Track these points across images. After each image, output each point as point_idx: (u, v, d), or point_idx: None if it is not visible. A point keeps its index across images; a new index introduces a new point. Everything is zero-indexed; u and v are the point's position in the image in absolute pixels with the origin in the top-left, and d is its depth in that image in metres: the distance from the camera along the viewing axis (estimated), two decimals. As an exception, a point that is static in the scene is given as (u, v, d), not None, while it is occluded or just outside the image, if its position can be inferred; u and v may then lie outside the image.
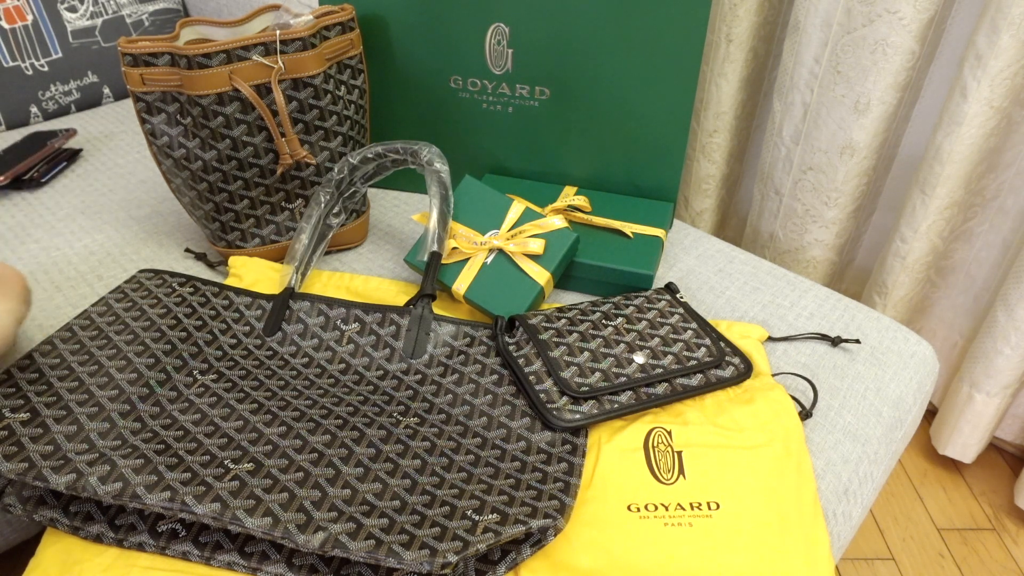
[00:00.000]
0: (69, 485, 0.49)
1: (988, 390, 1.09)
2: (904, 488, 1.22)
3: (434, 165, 0.77)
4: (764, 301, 0.82)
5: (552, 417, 0.61)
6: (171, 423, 0.57)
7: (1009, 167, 1.04)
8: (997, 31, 0.89)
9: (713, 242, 0.92)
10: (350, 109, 0.81)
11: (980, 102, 0.93)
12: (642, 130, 0.87)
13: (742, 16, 1.12)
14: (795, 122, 1.12)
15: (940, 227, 1.07)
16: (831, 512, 0.63)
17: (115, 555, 0.52)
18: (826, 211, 1.13)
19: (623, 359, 0.65)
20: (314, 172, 0.80)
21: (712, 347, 0.68)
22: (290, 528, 0.48)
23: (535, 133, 0.91)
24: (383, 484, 0.54)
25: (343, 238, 0.87)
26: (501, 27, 0.84)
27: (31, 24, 1.12)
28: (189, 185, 0.78)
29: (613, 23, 0.81)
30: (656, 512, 0.56)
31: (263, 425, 0.58)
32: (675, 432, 0.62)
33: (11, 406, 0.55)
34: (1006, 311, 1.03)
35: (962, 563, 1.11)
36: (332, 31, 0.78)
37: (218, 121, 0.73)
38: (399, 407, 0.63)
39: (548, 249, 0.76)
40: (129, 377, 0.60)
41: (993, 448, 1.29)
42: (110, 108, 1.21)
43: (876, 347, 0.77)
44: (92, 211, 0.94)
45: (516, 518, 0.51)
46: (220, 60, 0.71)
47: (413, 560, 0.47)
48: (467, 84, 0.89)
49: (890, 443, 0.71)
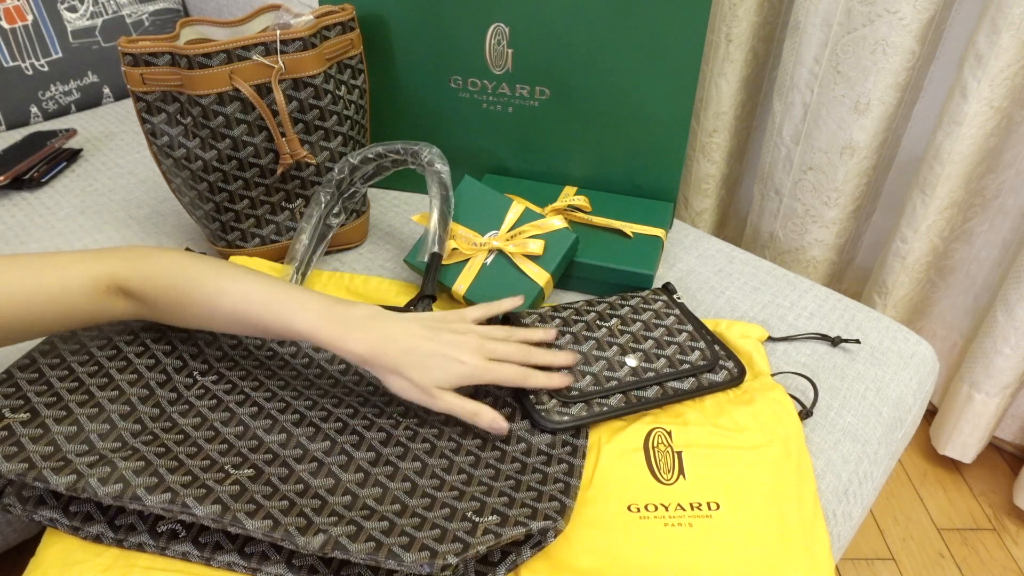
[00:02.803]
0: (69, 486, 0.49)
1: (988, 390, 1.09)
2: (904, 488, 1.22)
3: (435, 165, 0.77)
4: (764, 301, 0.82)
5: (540, 418, 0.61)
6: (171, 426, 0.57)
7: (1009, 167, 1.04)
8: (997, 31, 0.89)
9: (713, 242, 0.92)
10: (350, 109, 0.81)
11: (980, 102, 0.93)
12: (642, 130, 0.87)
13: (742, 16, 1.12)
14: (795, 122, 1.12)
15: (940, 227, 1.07)
16: (831, 512, 0.63)
17: (115, 555, 0.52)
18: (826, 211, 1.13)
19: (615, 362, 0.65)
20: (314, 172, 0.80)
21: (706, 350, 0.68)
22: (290, 530, 0.49)
23: (535, 133, 0.90)
24: (383, 488, 0.54)
25: (343, 238, 0.87)
26: (501, 27, 0.84)
27: (31, 24, 1.12)
28: (189, 185, 0.78)
29: (613, 23, 0.81)
30: (656, 512, 0.56)
31: (263, 432, 0.58)
32: (675, 432, 0.62)
33: (11, 406, 0.55)
34: (1006, 311, 1.03)
35: (962, 563, 1.11)
36: (332, 31, 0.78)
37: (218, 121, 0.73)
38: (399, 408, 0.63)
39: (548, 249, 0.76)
40: (129, 378, 0.60)
41: (993, 448, 1.29)
42: (110, 108, 1.21)
43: (876, 347, 0.77)
44: (92, 211, 0.94)
45: (516, 520, 0.51)
46: (220, 60, 0.71)
47: (413, 562, 0.47)
48: (467, 84, 0.89)
49: (890, 443, 0.71)
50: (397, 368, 0.57)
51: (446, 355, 0.58)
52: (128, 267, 0.58)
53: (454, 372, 0.58)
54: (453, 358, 0.58)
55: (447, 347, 0.58)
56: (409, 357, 0.57)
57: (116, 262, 0.58)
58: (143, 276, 0.58)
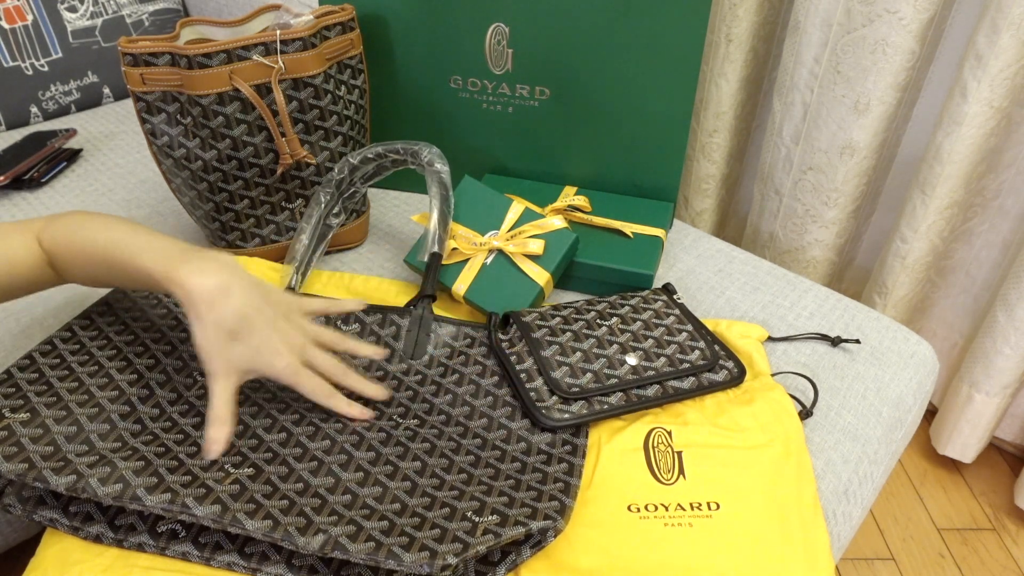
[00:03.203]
0: (69, 486, 0.49)
1: (988, 390, 1.09)
2: (904, 488, 1.22)
3: (434, 165, 0.77)
4: (764, 301, 0.82)
5: (541, 416, 0.61)
6: (171, 426, 0.57)
7: (1009, 167, 1.03)
8: (997, 31, 0.89)
9: (713, 242, 0.92)
10: (350, 109, 0.81)
11: (980, 102, 0.93)
12: (642, 130, 0.87)
13: (742, 16, 1.12)
14: (795, 122, 1.12)
15: (940, 227, 1.07)
16: (831, 512, 0.63)
17: (115, 555, 0.52)
18: (826, 211, 1.13)
19: (615, 360, 0.65)
20: (314, 172, 0.80)
21: (706, 350, 0.68)
22: (290, 530, 0.49)
23: (535, 133, 0.90)
24: (383, 487, 0.54)
25: (343, 238, 0.87)
26: (501, 27, 0.84)
27: (31, 24, 1.12)
28: (189, 185, 0.78)
29: (613, 23, 0.81)
30: (656, 512, 0.56)
31: (263, 431, 0.58)
32: (675, 432, 0.62)
33: (11, 406, 0.55)
34: (1006, 311, 1.03)
35: (962, 563, 1.11)
36: (332, 31, 0.78)
37: (218, 121, 0.73)
38: (399, 408, 0.63)
39: (548, 249, 0.76)
40: (129, 378, 0.60)
41: (993, 448, 1.29)
42: (110, 108, 1.21)
43: (876, 347, 0.77)
44: (92, 211, 0.94)
45: (516, 519, 0.51)
46: (220, 60, 0.71)
47: (413, 562, 0.47)
48: (467, 84, 0.89)
49: (890, 443, 0.71)
50: (214, 322, 0.52)
51: (268, 339, 0.54)
52: (45, 232, 0.58)
53: (266, 360, 0.54)
54: (272, 347, 0.54)
55: (275, 332, 0.54)
56: (232, 321, 0.52)
57: (39, 228, 0.58)
58: (51, 238, 0.58)
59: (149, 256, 0.54)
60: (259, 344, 0.54)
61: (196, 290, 0.52)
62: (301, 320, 0.59)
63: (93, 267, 0.58)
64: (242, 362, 0.54)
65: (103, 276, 0.59)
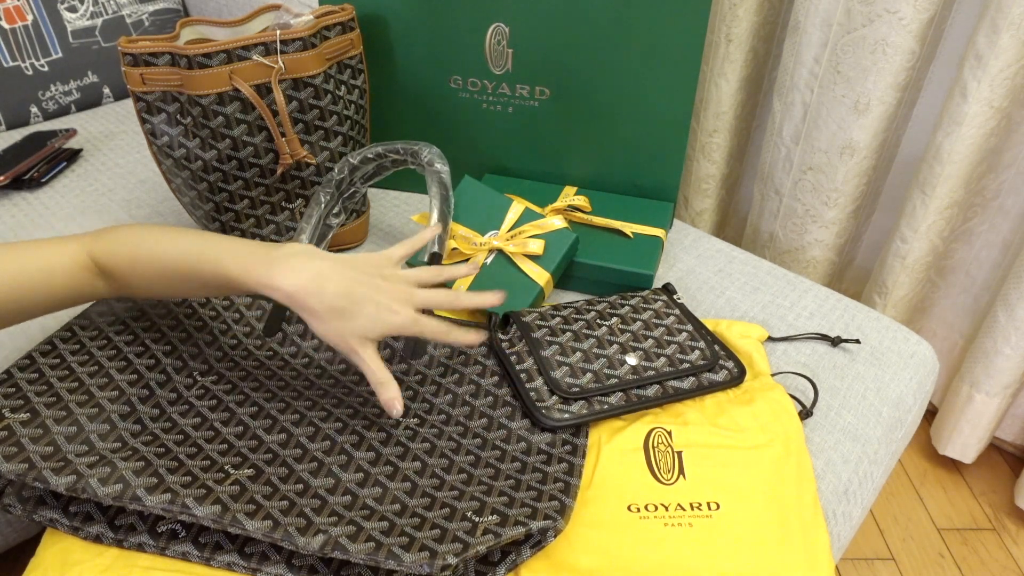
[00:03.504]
0: (69, 486, 0.49)
1: (988, 390, 1.09)
2: (904, 488, 1.22)
3: (434, 165, 0.77)
4: (764, 301, 0.82)
5: (541, 416, 0.61)
6: (171, 426, 0.57)
7: (1009, 167, 1.03)
8: (997, 31, 0.89)
9: (713, 242, 0.92)
10: (350, 109, 0.81)
11: (980, 102, 0.93)
12: (642, 130, 0.87)
13: (742, 16, 1.12)
14: (795, 122, 1.12)
15: (940, 227, 1.07)
16: (831, 512, 0.63)
17: (115, 555, 0.52)
18: (826, 211, 1.13)
19: (615, 360, 0.65)
20: (314, 172, 0.80)
21: (706, 350, 0.68)
22: (290, 531, 0.49)
23: (535, 133, 0.91)
24: (383, 488, 0.54)
25: (343, 238, 0.87)
26: (501, 27, 0.84)
27: (31, 24, 1.12)
28: (189, 185, 0.78)
29: (613, 23, 0.81)
30: (656, 512, 0.56)
31: (263, 431, 0.58)
32: (675, 432, 0.62)
33: (11, 406, 0.55)
34: (1006, 311, 1.03)
35: (962, 563, 1.11)
36: (332, 31, 0.78)
37: (218, 121, 0.73)
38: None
39: (548, 249, 0.76)
40: (129, 378, 0.60)
41: (993, 448, 1.29)
42: (110, 108, 1.21)
43: (876, 347, 0.77)
44: (92, 211, 0.94)
45: (516, 519, 0.51)
46: (220, 60, 0.71)
47: (413, 562, 0.47)
48: (467, 84, 0.89)
49: (890, 443, 0.71)
50: (325, 310, 0.54)
51: (379, 302, 0.55)
52: (98, 245, 0.59)
53: (385, 321, 0.55)
54: (385, 306, 0.56)
55: (380, 294, 0.56)
56: (340, 301, 0.54)
57: (89, 242, 0.59)
58: (108, 251, 0.58)
59: (233, 263, 0.55)
60: (373, 311, 0.55)
61: (295, 290, 0.54)
62: (395, 271, 0.60)
63: (164, 279, 0.59)
64: (366, 331, 0.55)
65: (176, 287, 0.59)
